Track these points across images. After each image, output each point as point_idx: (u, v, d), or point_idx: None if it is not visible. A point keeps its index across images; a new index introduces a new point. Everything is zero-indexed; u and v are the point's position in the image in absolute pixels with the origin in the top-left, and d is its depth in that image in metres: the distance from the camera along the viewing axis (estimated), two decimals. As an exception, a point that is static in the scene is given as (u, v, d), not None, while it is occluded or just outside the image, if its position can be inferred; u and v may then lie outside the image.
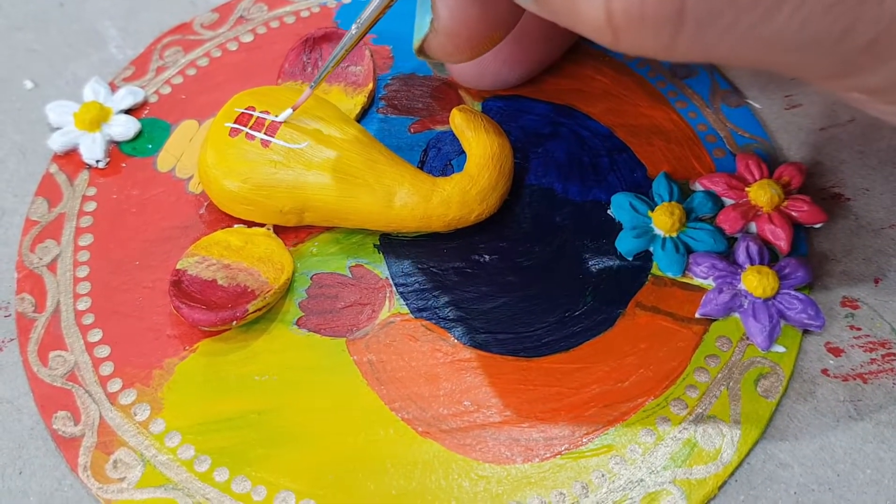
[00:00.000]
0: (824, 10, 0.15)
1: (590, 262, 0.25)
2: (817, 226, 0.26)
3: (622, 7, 0.15)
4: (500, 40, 0.22)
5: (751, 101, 0.29)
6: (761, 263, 0.24)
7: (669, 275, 0.25)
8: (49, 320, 0.24)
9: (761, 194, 0.25)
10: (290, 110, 0.25)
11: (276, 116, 0.25)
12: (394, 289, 0.25)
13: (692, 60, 0.16)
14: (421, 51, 0.22)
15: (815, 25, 0.15)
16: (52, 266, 0.26)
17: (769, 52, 0.16)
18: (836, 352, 0.24)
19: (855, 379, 0.23)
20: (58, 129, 0.28)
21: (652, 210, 0.25)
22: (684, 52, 0.16)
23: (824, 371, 0.24)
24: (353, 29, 0.23)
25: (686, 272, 0.25)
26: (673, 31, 0.15)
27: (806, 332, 0.24)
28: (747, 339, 0.24)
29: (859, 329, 0.24)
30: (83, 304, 0.25)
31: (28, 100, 0.30)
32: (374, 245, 0.26)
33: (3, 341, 0.24)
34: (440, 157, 0.27)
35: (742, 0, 0.14)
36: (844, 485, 0.22)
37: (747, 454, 0.22)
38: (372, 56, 0.29)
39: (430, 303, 0.25)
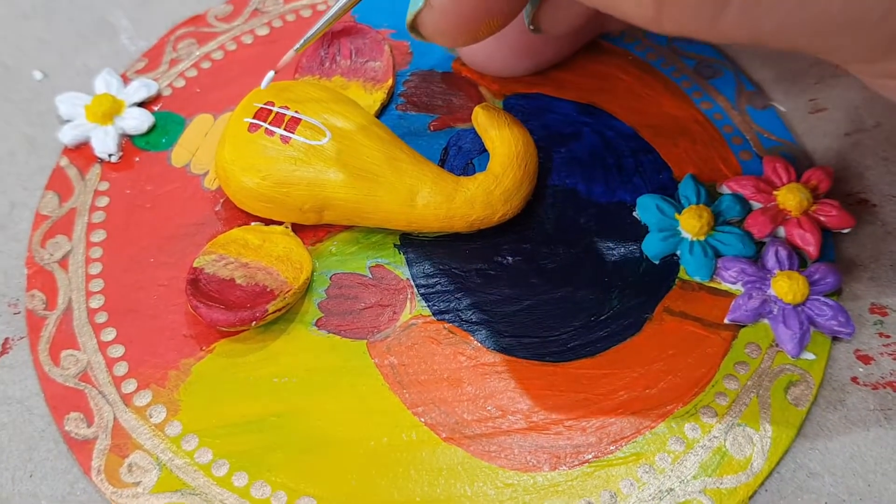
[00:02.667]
0: None
1: (615, 266, 0.25)
2: (845, 231, 0.25)
3: None
4: (498, 28, 0.22)
5: (776, 104, 0.29)
6: (791, 269, 0.24)
7: (697, 279, 0.24)
8: (60, 318, 0.24)
9: (790, 198, 0.25)
10: (272, 73, 0.24)
11: (296, 112, 0.24)
12: (415, 290, 0.24)
13: (732, 40, 0.16)
14: (413, 26, 0.21)
15: (859, 4, 0.15)
16: (63, 262, 0.25)
17: (812, 31, 0.15)
18: (866, 359, 0.23)
19: (885, 387, 0.23)
20: (68, 121, 0.28)
21: (679, 213, 0.25)
22: (727, 31, 0.15)
23: (854, 379, 0.23)
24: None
25: (714, 277, 0.24)
26: (718, 7, 0.15)
27: (835, 339, 0.24)
28: (776, 345, 0.23)
29: (889, 336, 0.24)
30: (96, 302, 0.24)
31: (37, 91, 0.29)
32: (395, 245, 0.25)
33: (12, 340, 0.24)
34: (461, 156, 0.27)
35: None
36: (876, 495, 0.21)
37: (777, 463, 0.22)
38: (391, 51, 0.28)
39: (452, 305, 0.24)
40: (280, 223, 0.25)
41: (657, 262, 0.25)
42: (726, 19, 0.15)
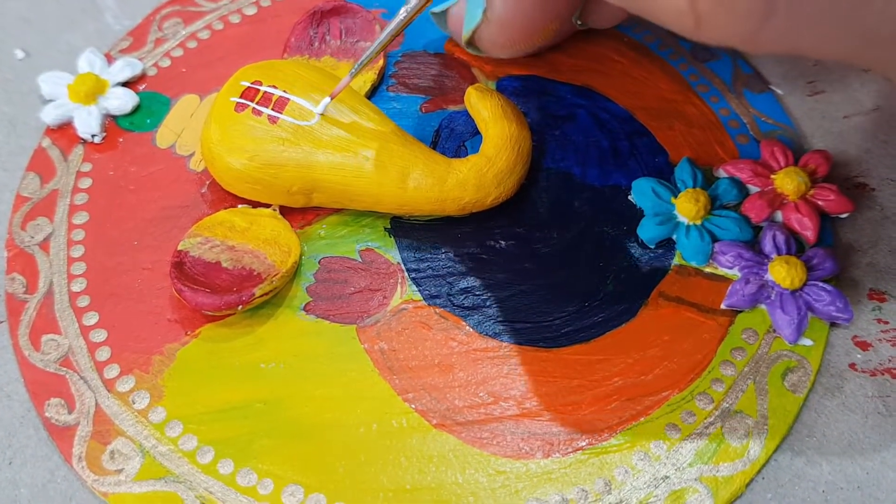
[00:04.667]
0: None
1: (610, 250, 0.24)
2: (843, 216, 0.25)
3: None
4: (553, 35, 0.21)
5: (773, 87, 0.28)
6: (788, 253, 0.23)
7: (694, 264, 0.24)
8: (41, 302, 0.23)
9: (788, 182, 0.24)
10: (328, 99, 0.23)
11: (284, 92, 0.24)
12: (406, 274, 0.24)
13: (773, 51, 0.16)
14: (470, 42, 0.21)
15: None
16: (44, 245, 0.24)
17: (858, 42, 0.15)
18: (864, 346, 0.23)
19: (883, 374, 0.23)
20: (51, 101, 0.27)
21: (675, 196, 0.24)
22: (768, 42, 0.15)
23: (852, 365, 0.23)
24: (402, 13, 0.22)
25: (711, 261, 0.24)
26: (762, 18, 0.14)
27: (833, 325, 0.23)
28: (774, 331, 0.23)
29: (887, 323, 0.23)
30: (78, 286, 0.23)
31: (19, 70, 0.28)
32: (385, 228, 0.25)
33: (-8, 323, 0.23)
34: (453, 138, 0.26)
35: None
36: (874, 483, 0.21)
37: (774, 451, 0.21)
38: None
39: (443, 289, 0.23)
40: (268, 206, 0.24)
41: (653, 247, 0.24)
42: (769, 30, 0.15)
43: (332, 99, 0.23)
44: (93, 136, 0.26)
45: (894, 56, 0.15)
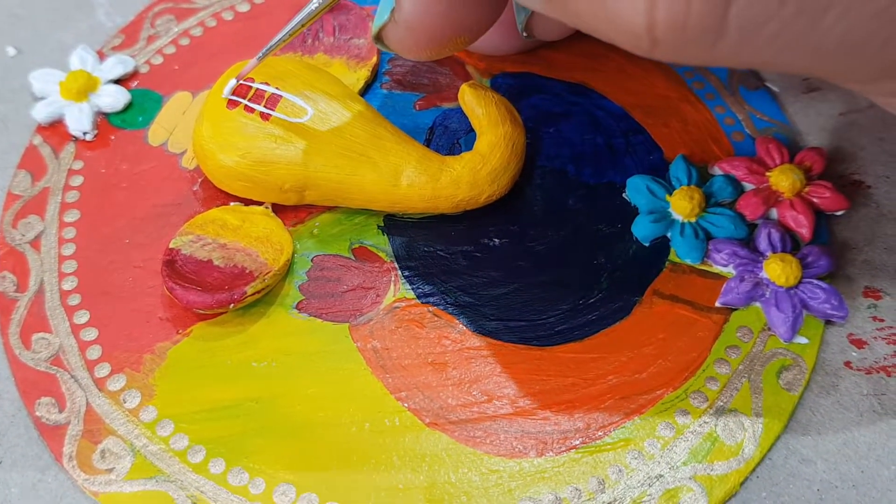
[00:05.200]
0: (870, 17, 0.14)
1: (605, 248, 0.24)
2: (838, 213, 0.25)
3: (666, 17, 0.14)
4: (465, 46, 0.21)
5: (769, 84, 0.28)
6: (783, 251, 0.23)
7: (688, 262, 0.24)
8: (32, 301, 0.23)
9: (783, 179, 0.24)
10: (234, 81, 0.23)
11: (276, 89, 0.23)
12: (399, 272, 0.24)
13: (728, 66, 0.16)
14: (378, 38, 0.21)
15: (860, 32, 0.14)
16: (35, 243, 0.24)
17: (810, 58, 0.15)
18: (859, 344, 0.23)
19: (878, 372, 0.22)
20: (42, 98, 0.27)
21: (670, 194, 0.24)
22: (722, 60, 0.15)
23: (847, 364, 0.23)
24: (315, 3, 0.21)
25: (705, 259, 0.24)
26: (714, 39, 0.14)
27: (828, 323, 0.23)
28: (769, 329, 0.23)
29: (882, 321, 0.23)
30: (69, 284, 0.23)
31: (10, 67, 0.28)
32: (379, 226, 0.24)
33: (-18, 322, 0.23)
34: (447, 136, 0.26)
35: (786, 9, 0.14)
36: (868, 482, 0.21)
37: (769, 449, 0.21)
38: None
39: (437, 288, 0.23)
40: (260, 203, 0.24)
41: (647, 245, 0.24)
42: (721, 50, 0.15)
43: (238, 80, 0.23)
44: (84, 133, 0.26)
45: (851, 68, 0.15)
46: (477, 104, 0.25)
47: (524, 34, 0.25)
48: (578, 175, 0.25)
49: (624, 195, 0.25)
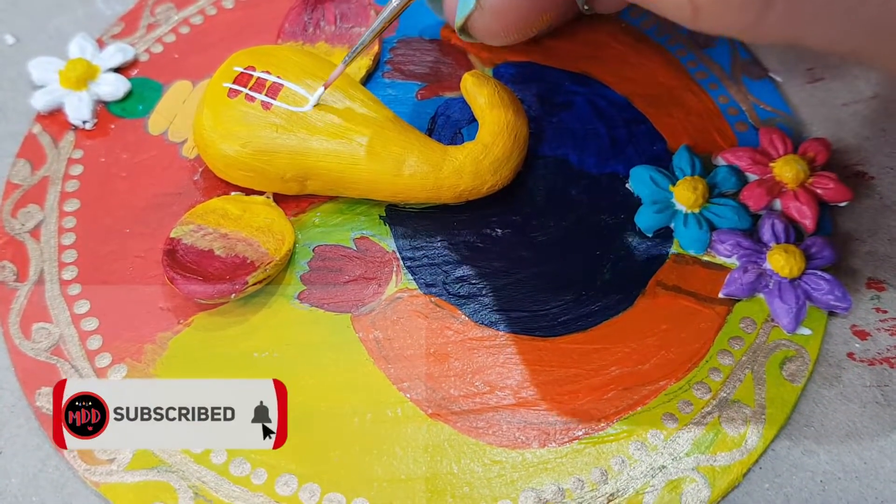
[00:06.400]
0: None
1: (607, 238, 0.24)
2: (842, 204, 0.25)
3: None
4: (548, 25, 0.21)
5: (772, 74, 0.28)
6: (787, 242, 0.23)
7: (691, 252, 0.24)
8: (32, 290, 0.23)
9: (787, 170, 0.24)
10: (322, 89, 0.23)
11: (278, 77, 0.23)
12: (401, 263, 0.24)
13: (773, 41, 0.15)
14: (463, 29, 0.21)
15: None
16: (34, 232, 0.24)
17: (856, 37, 0.15)
18: (862, 335, 0.23)
19: (882, 363, 0.22)
20: (41, 87, 0.27)
21: (673, 184, 0.24)
22: (767, 34, 0.15)
23: (850, 355, 0.23)
24: (395, 1, 0.22)
25: (709, 250, 0.24)
26: (762, 8, 0.14)
27: (831, 314, 0.23)
28: (772, 320, 0.23)
29: (885, 312, 0.23)
30: (69, 274, 0.23)
31: (9, 56, 0.28)
32: (380, 216, 0.24)
33: (-18, 312, 0.23)
34: (449, 125, 0.26)
35: None
36: (871, 473, 0.21)
37: (772, 440, 0.21)
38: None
39: (439, 278, 0.23)
40: (261, 193, 0.24)
41: (650, 235, 0.24)
42: (769, 20, 0.14)
43: (325, 89, 0.23)
44: (84, 122, 0.26)
45: (886, 47, 0.15)
46: (479, 94, 0.24)
47: (585, 7, 0.25)
48: (581, 165, 0.25)
49: (627, 185, 0.25)
